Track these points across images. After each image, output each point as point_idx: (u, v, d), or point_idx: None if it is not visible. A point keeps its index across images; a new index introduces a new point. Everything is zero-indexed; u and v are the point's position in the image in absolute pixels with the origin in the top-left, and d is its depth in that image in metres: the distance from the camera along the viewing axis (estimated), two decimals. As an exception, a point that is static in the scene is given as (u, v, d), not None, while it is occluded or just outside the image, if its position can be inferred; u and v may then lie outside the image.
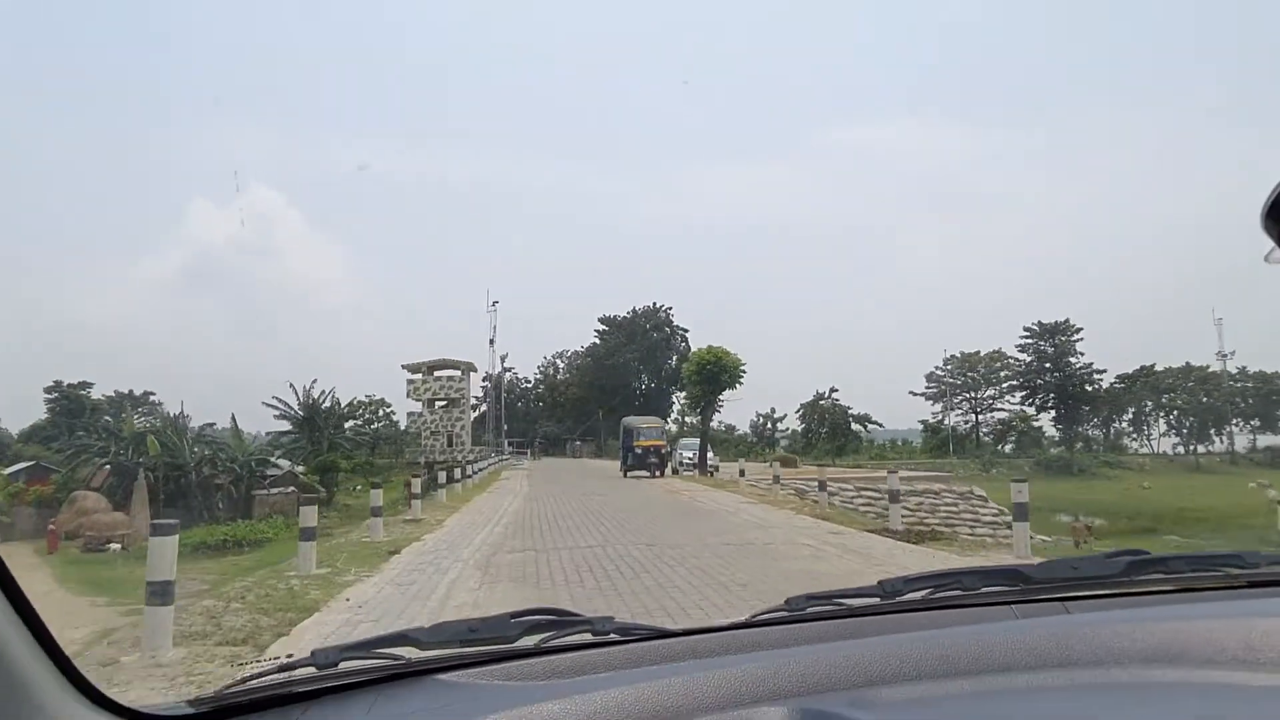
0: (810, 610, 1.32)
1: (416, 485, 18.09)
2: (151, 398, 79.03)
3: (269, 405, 48.04)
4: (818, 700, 0.93)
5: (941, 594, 1.36)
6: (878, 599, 1.35)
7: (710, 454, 31.21)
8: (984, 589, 1.36)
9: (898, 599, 1.34)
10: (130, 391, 78.68)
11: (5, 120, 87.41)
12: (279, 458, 49.71)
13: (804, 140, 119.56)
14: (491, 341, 62.80)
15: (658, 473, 27.19)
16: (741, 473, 29.39)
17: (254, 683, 1.13)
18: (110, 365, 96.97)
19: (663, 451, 28.21)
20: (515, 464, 48.41)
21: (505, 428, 67.00)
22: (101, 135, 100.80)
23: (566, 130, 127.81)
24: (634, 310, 74.80)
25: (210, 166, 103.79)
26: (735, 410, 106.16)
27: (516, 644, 1.22)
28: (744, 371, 29.80)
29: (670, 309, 74.27)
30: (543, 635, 1.24)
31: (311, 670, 1.14)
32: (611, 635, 1.25)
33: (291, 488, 42.60)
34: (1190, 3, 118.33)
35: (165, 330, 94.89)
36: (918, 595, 1.36)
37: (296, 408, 48.18)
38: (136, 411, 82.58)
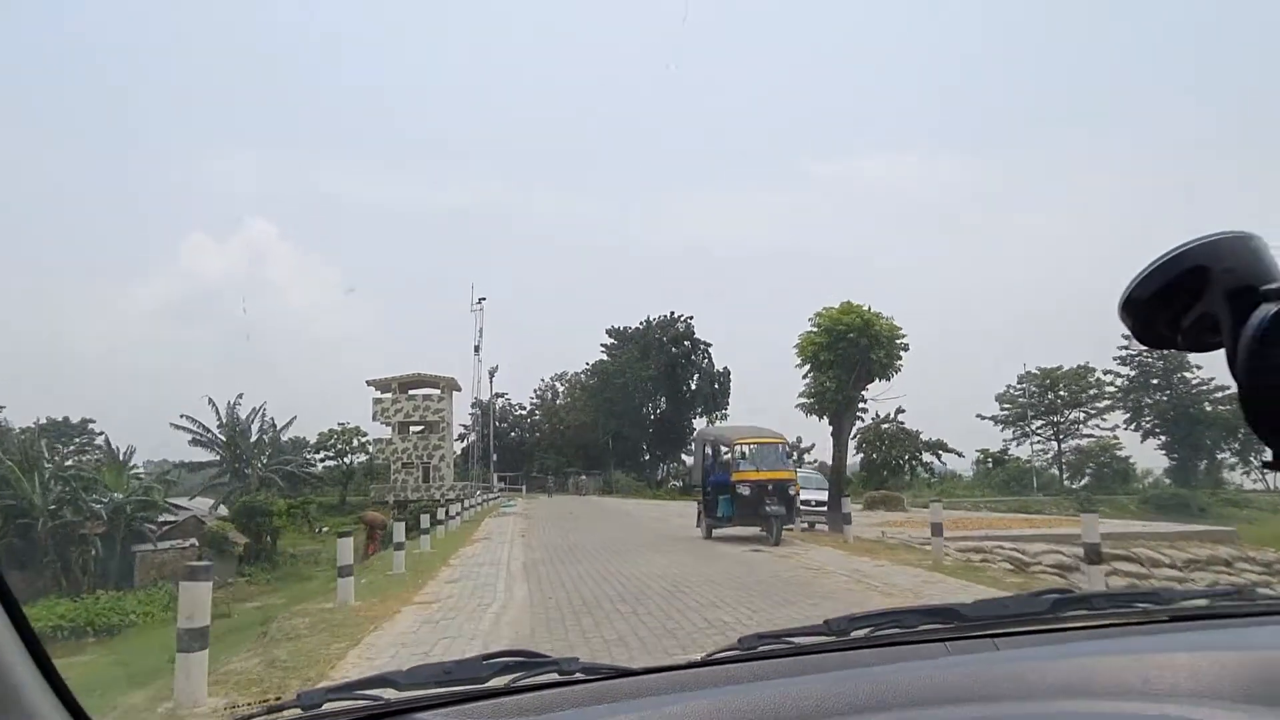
0: (761, 649, 1.36)
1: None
2: (90, 426, 67.77)
3: (180, 427, 36.58)
4: None
5: (882, 632, 1.41)
6: (824, 637, 1.39)
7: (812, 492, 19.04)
8: (921, 626, 1.41)
9: (843, 637, 1.38)
10: (65, 419, 67.21)
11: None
12: (194, 497, 38.21)
13: (807, 167, 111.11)
14: (477, 349, 51.30)
15: (779, 532, 14.26)
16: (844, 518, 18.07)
17: None
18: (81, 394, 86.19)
19: (790, 493, 15.00)
20: (505, 506, 36.67)
21: (495, 458, 55.38)
22: (98, 164, 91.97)
23: (559, 156, 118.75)
24: (648, 320, 63.54)
25: (206, 198, 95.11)
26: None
27: (488, 684, 1.25)
28: (904, 346, 18.42)
29: (691, 318, 63.09)
30: (512, 675, 1.28)
31: (298, 712, 1.21)
32: (576, 675, 1.28)
33: (192, 540, 30.98)
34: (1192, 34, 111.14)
35: (148, 360, 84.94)
36: (861, 633, 1.40)
37: (216, 430, 36.76)
38: (73, 443, 71.55)
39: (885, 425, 48.20)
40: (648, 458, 64.22)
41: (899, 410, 48.24)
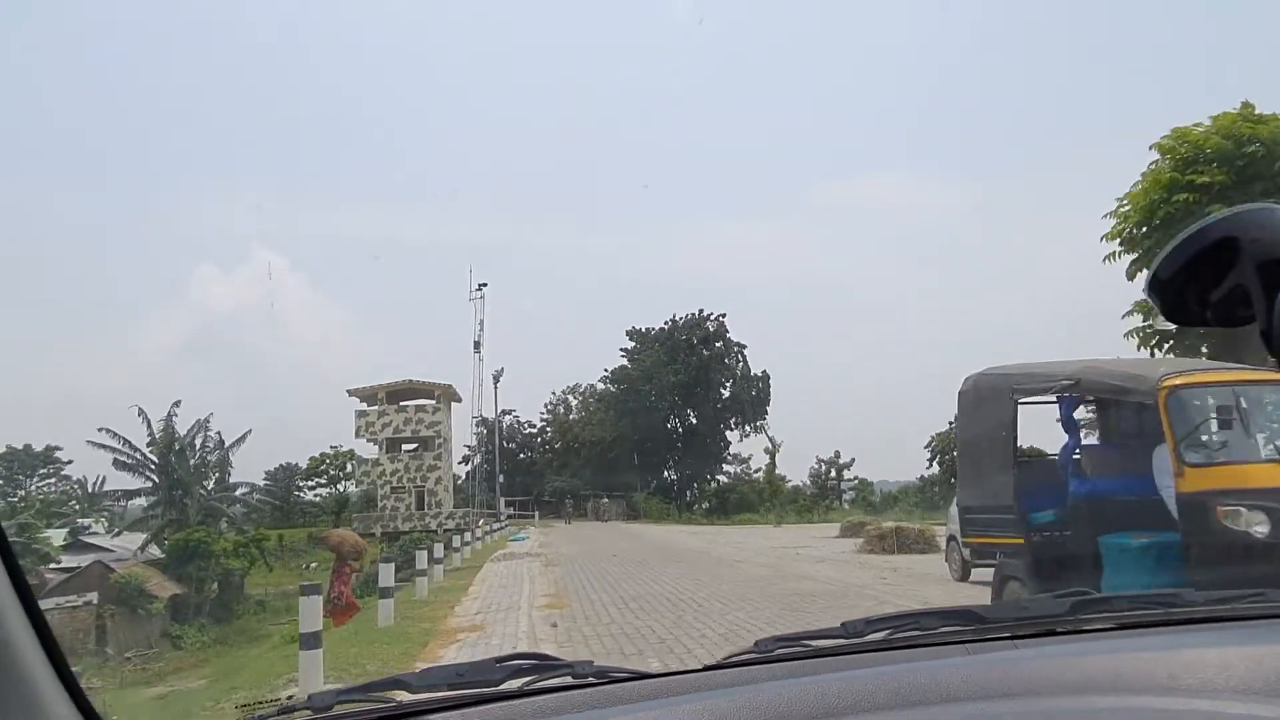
0: (778, 651, 1.36)
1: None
2: (57, 453, 60.34)
3: (99, 445, 28.55)
4: None
5: (900, 634, 1.40)
6: (841, 640, 1.38)
7: None
8: (940, 629, 1.41)
9: (860, 639, 1.38)
10: (27, 446, 59.67)
11: (9, 185, 74.44)
12: (118, 534, 30.32)
13: (823, 192, 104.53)
14: (477, 345, 43.41)
15: None
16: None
17: None
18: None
19: None
20: (514, 539, 28.63)
21: (502, 480, 47.40)
22: (104, 200, 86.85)
23: (568, 184, 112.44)
24: (673, 319, 55.69)
25: (213, 231, 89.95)
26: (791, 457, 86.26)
27: (501, 687, 1.24)
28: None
29: (724, 316, 55.17)
30: (526, 678, 1.27)
31: (308, 713, 1.20)
32: (591, 678, 1.28)
33: (90, 596, 23.08)
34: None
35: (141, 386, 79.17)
36: (879, 636, 1.39)
37: (145, 449, 28.60)
38: (36, 475, 63.98)
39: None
40: (675, 477, 56.24)
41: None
